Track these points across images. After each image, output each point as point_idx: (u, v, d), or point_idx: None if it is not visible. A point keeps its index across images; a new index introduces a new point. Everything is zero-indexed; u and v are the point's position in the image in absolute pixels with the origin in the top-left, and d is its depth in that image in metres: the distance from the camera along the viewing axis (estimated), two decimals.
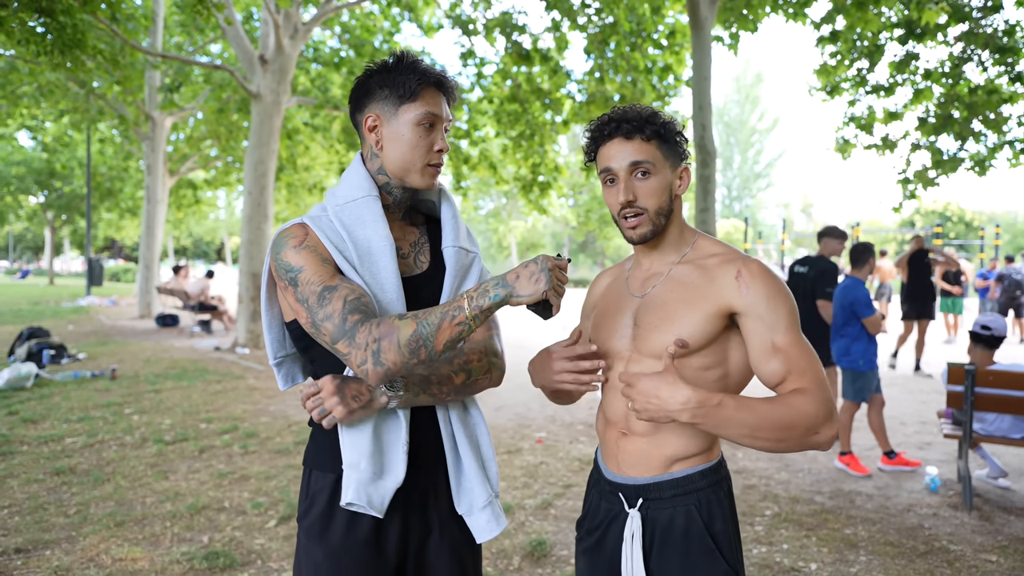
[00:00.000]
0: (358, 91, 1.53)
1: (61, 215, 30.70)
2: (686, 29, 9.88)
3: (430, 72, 1.49)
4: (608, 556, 1.54)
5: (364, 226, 1.48)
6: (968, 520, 4.08)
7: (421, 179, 1.52)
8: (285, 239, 1.44)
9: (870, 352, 5.08)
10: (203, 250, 60.81)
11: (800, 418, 1.31)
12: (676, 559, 1.45)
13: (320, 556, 1.46)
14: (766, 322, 1.39)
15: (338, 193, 1.53)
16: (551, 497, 4.32)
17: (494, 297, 1.31)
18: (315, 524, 1.48)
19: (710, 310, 1.42)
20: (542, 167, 12.46)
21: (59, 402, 6.65)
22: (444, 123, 1.52)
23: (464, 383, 1.51)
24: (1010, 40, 7.93)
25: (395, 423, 1.46)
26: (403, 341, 1.30)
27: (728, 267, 1.44)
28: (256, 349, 10.84)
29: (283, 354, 1.61)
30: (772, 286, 1.41)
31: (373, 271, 1.46)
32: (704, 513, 1.46)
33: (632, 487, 1.50)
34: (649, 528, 1.48)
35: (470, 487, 1.52)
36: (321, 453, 1.51)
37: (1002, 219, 47.59)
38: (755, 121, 56.98)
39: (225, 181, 20.37)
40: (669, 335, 1.43)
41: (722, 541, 1.46)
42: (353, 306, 1.35)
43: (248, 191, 11.04)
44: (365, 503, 1.40)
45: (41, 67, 12.18)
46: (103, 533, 3.59)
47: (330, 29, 14.50)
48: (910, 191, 9.08)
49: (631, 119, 1.45)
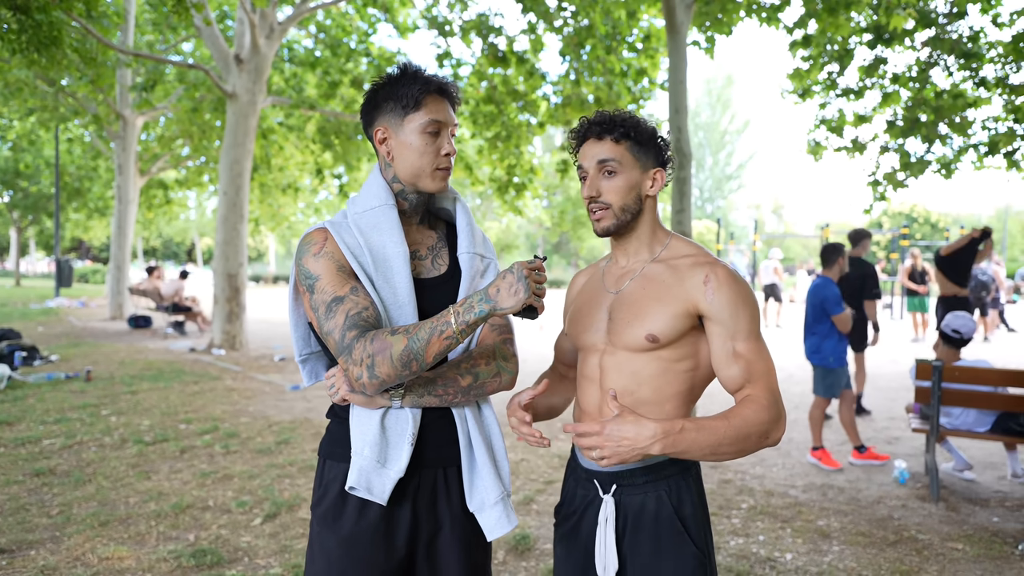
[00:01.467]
0: (367, 107, 1.60)
1: (27, 215, 30.10)
2: (661, 33, 10.01)
3: (431, 80, 1.56)
4: (584, 541, 1.61)
5: (380, 234, 1.55)
6: (935, 511, 4.22)
7: (432, 183, 1.59)
8: (307, 245, 1.53)
9: (840, 349, 5.22)
10: (173, 251, 59.93)
11: (753, 427, 1.42)
12: (647, 543, 1.52)
13: (332, 543, 1.51)
14: (728, 328, 1.49)
15: (358, 201, 1.61)
16: (533, 493, 4.39)
17: (479, 312, 1.39)
18: (328, 512, 1.54)
19: (679, 309, 1.51)
20: (517, 168, 12.51)
21: (34, 404, 6.57)
22: (449, 128, 1.59)
23: (471, 385, 1.56)
24: (975, 46, 8.16)
25: (403, 417, 1.53)
26: (395, 356, 1.38)
27: (697, 270, 1.52)
28: (232, 350, 10.77)
29: (308, 352, 1.68)
30: (738, 293, 1.50)
31: (387, 276, 1.53)
32: (674, 498, 1.54)
33: (606, 474, 1.57)
34: (622, 513, 1.55)
35: (482, 484, 1.57)
36: (335, 444, 1.58)
37: (966, 220, 48.70)
38: (726, 123, 57.55)
39: (197, 181, 20.12)
40: (641, 329, 1.52)
41: (691, 525, 1.53)
42: (352, 321, 1.42)
43: (223, 191, 10.95)
44: (365, 489, 1.46)
45: (9, 64, 11.98)
46: (87, 533, 3.59)
47: (305, 29, 14.42)
48: (880, 192, 9.28)
49: (603, 122, 1.56)
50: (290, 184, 19.41)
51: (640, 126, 1.57)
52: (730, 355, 1.48)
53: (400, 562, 1.53)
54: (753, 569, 3.39)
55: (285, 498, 4.17)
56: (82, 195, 23.88)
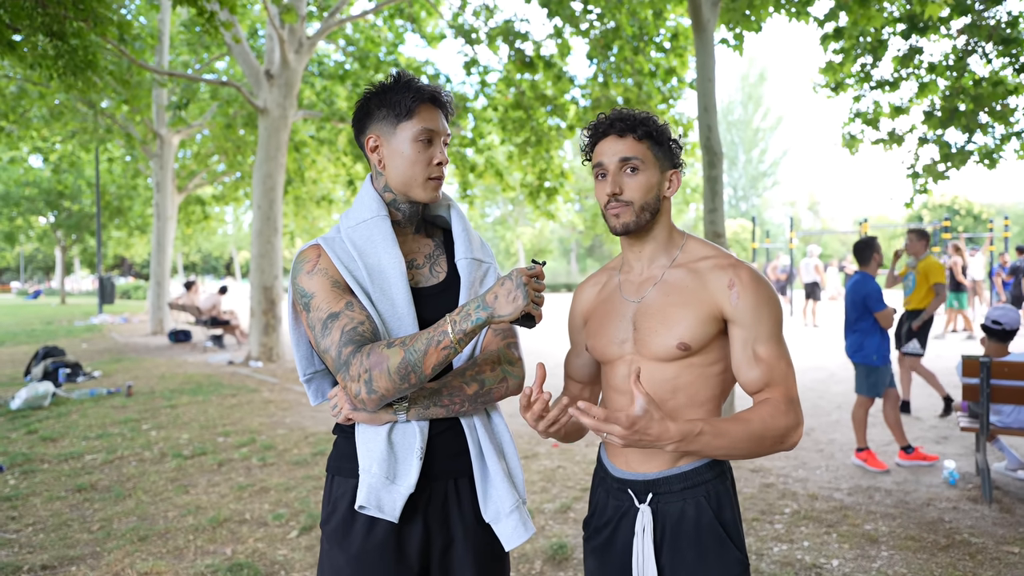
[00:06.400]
0: (359, 114, 1.58)
1: (71, 235, 30.92)
2: (688, 31, 9.90)
3: (424, 89, 1.54)
4: (619, 553, 1.56)
5: (375, 246, 1.53)
6: (988, 513, 4.06)
7: (423, 193, 1.57)
8: (301, 263, 1.52)
9: (883, 347, 5.07)
10: (212, 265, 61.11)
11: (770, 431, 1.40)
12: (689, 550, 1.48)
13: (342, 561, 1.49)
14: (751, 332, 1.47)
15: (351, 215, 1.59)
16: (569, 501, 4.33)
17: (476, 320, 1.36)
18: (337, 529, 1.51)
19: (705, 314, 1.49)
20: (548, 173, 12.50)
21: (77, 420, 6.71)
22: (442, 137, 1.57)
23: (477, 393, 1.52)
24: (1013, 31, 7.91)
25: (410, 431, 1.49)
26: (392, 369, 1.35)
27: (721, 273, 1.50)
28: (269, 362, 10.90)
29: (312, 371, 1.65)
30: (761, 295, 1.48)
31: (384, 288, 1.51)
32: (713, 503, 1.51)
33: (642, 482, 1.54)
34: (660, 522, 1.51)
35: (496, 494, 1.53)
36: (343, 459, 1.56)
37: (1011, 211, 47.26)
38: (759, 120, 56.85)
39: (233, 196, 20.47)
40: (670, 338, 1.49)
41: (732, 530, 1.50)
42: (348, 337, 1.40)
43: (257, 205, 11.10)
44: (376, 507, 1.44)
45: (51, 90, 12.31)
46: (127, 548, 3.62)
47: (334, 43, 14.59)
48: (921, 185, 9.04)
49: (625, 119, 1.54)
50: (324, 196, 19.64)
51: (660, 126, 1.56)
52: (751, 358, 1.47)
53: None
54: None
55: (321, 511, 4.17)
56: (123, 213, 24.49)
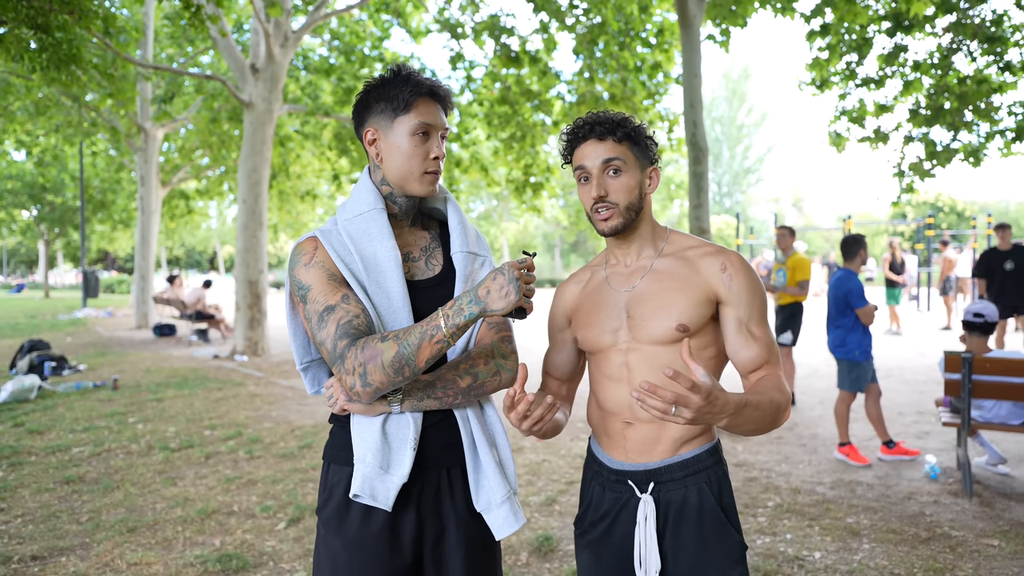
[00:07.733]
0: (358, 107, 1.59)
1: (54, 228, 30.62)
2: (675, 27, 9.94)
3: (423, 83, 1.55)
4: (617, 545, 1.58)
5: (371, 239, 1.54)
6: (969, 507, 4.13)
7: (420, 187, 1.58)
8: (298, 255, 1.53)
9: (865, 343, 5.14)
10: (196, 259, 60.65)
11: (774, 407, 1.43)
12: (691, 536, 1.51)
13: (338, 547, 1.51)
14: (746, 312, 1.53)
15: (347, 207, 1.60)
16: (555, 494, 4.37)
17: (468, 315, 1.38)
18: (332, 516, 1.53)
19: (700, 296, 1.53)
20: (534, 168, 12.51)
21: (63, 413, 6.67)
22: (439, 131, 1.59)
23: (471, 386, 1.54)
24: (998, 29, 7.99)
25: (404, 421, 1.51)
26: (387, 362, 1.37)
27: (712, 259, 1.56)
28: (255, 356, 10.86)
29: (308, 359, 1.66)
30: (752, 278, 1.55)
31: (380, 281, 1.52)
32: (715, 489, 1.55)
33: (642, 472, 1.56)
34: (662, 510, 1.54)
35: (488, 484, 1.55)
36: (338, 448, 1.57)
37: (994, 208, 47.85)
38: (743, 117, 57.04)
39: (218, 191, 20.33)
40: (668, 321, 1.52)
41: (731, 514, 1.55)
42: (344, 331, 1.42)
43: (242, 199, 11.05)
44: (370, 495, 1.46)
45: (35, 83, 12.17)
46: (116, 539, 3.62)
47: (320, 37, 14.51)
48: (907, 183, 9.12)
49: (603, 122, 1.56)
50: (308, 191, 19.55)
51: (637, 126, 1.59)
52: (748, 337, 1.52)
53: (407, 564, 1.52)
54: (781, 568, 3.34)
55: (308, 502, 4.19)
56: (106, 207, 24.26)
